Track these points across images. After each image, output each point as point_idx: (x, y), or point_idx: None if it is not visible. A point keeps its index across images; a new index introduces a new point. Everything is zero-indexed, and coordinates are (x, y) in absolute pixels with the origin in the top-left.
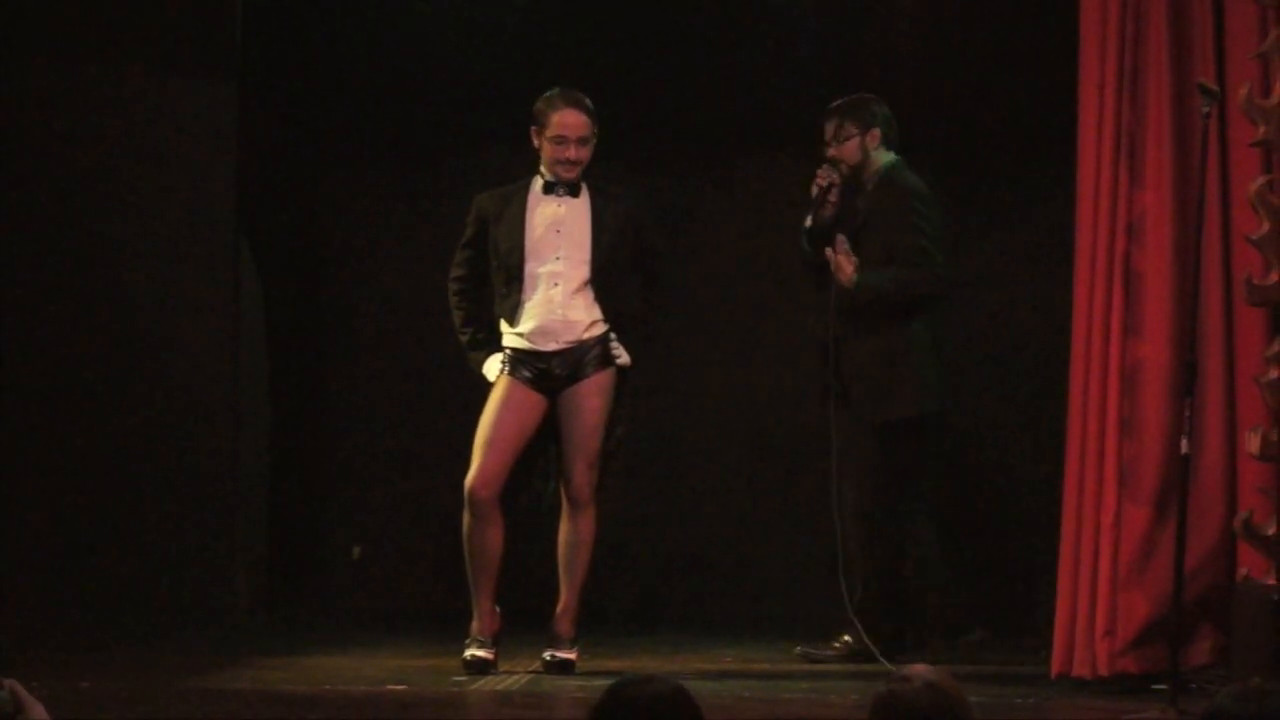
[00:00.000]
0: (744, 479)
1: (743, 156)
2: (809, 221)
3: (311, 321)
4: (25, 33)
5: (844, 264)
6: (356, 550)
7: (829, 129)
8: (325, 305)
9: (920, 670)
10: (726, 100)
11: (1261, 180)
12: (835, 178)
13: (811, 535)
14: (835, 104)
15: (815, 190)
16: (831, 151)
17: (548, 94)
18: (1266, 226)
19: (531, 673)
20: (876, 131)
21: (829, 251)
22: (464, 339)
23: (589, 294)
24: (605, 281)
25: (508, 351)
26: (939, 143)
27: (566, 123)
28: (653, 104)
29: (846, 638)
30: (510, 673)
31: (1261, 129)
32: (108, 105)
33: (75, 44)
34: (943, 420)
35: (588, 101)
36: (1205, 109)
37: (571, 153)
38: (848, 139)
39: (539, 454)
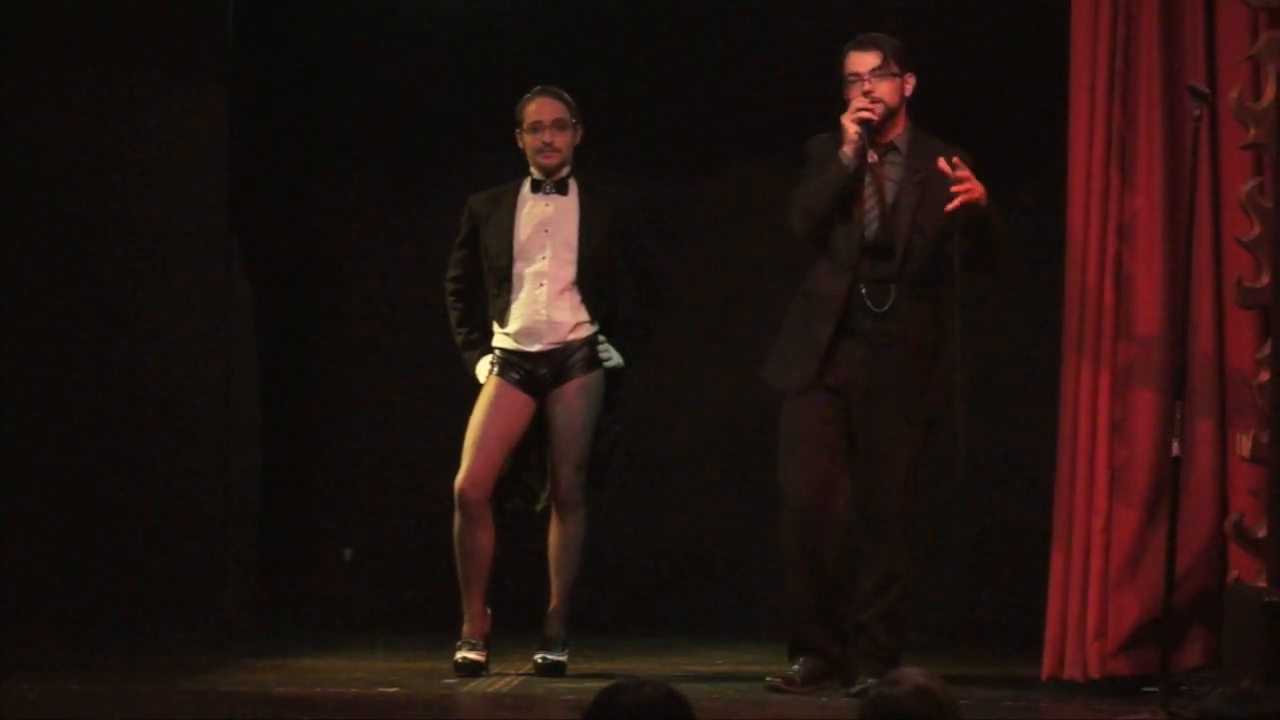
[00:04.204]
0: (736, 480)
1: (735, 158)
2: (846, 164)
3: (303, 324)
4: (15, 37)
5: (974, 181)
6: (348, 552)
7: (865, 59)
8: (316, 308)
9: (910, 673)
10: (718, 102)
11: (1252, 183)
12: (877, 116)
13: None
14: (870, 34)
15: (860, 124)
16: (868, 86)
17: (525, 95)
18: (1257, 229)
19: (523, 675)
20: (913, 78)
21: (948, 165)
22: (458, 340)
23: (575, 295)
24: (592, 282)
25: (497, 352)
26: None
27: (540, 109)
28: (644, 105)
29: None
30: (501, 675)
31: (1252, 132)
32: (99, 109)
33: (66, 48)
34: None
35: (565, 94)
36: (1196, 112)
37: (547, 136)
38: (890, 77)
39: (532, 454)
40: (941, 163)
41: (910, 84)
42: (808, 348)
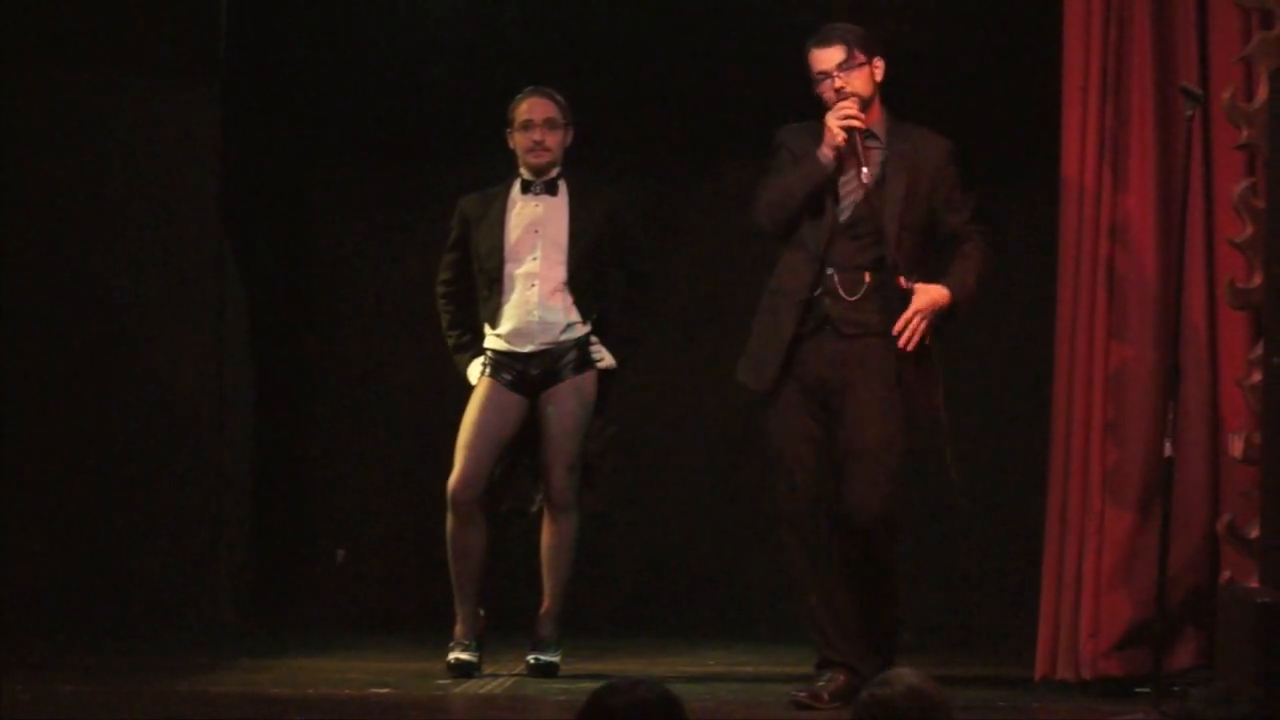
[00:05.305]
0: (728, 481)
1: (727, 159)
2: (825, 165)
3: (296, 325)
4: (7, 37)
5: (930, 292)
6: (341, 553)
7: (829, 55)
8: (309, 309)
9: (903, 674)
10: (711, 103)
11: (1245, 184)
12: (862, 122)
13: None
14: (829, 28)
15: (841, 127)
16: (839, 82)
17: (517, 94)
18: (1250, 230)
19: (515, 676)
20: (881, 62)
21: (906, 282)
22: (450, 342)
23: (567, 296)
24: (583, 282)
25: (489, 354)
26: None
27: (532, 108)
28: (638, 107)
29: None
30: (494, 675)
31: (1245, 132)
32: (91, 109)
33: (60, 48)
34: None
35: (556, 94)
36: (1188, 112)
37: (538, 135)
38: (858, 67)
39: (525, 456)
40: (902, 284)
41: (879, 69)
42: (773, 343)
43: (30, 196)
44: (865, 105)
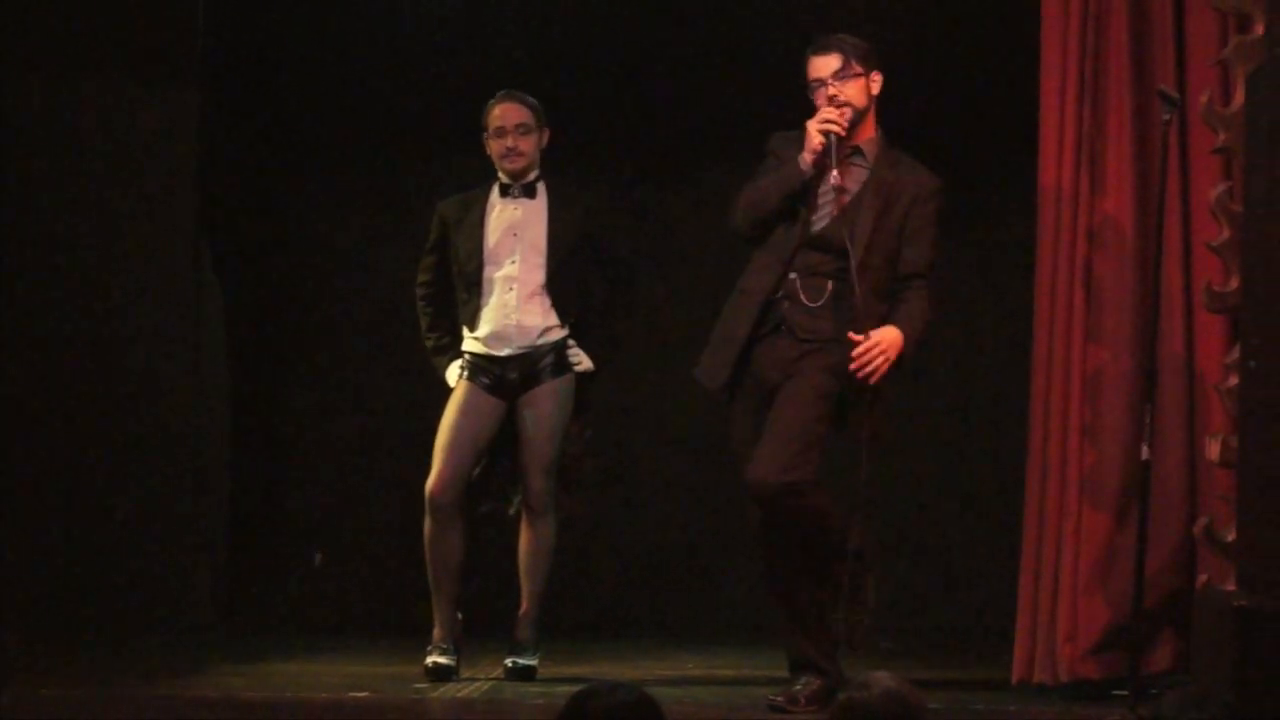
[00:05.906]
0: (706, 485)
1: (709, 162)
2: (804, 170)
3: (274, 327)
4: None
5: (890, 333)
6: (318, 556)
7: (826, 63)
8: (288, 312)
9: (880, 677)
10: (695, 106)
11: (1222, 187)
12: (844, 129)
13: None
14: (829, 37)
15: (824, 134)
16: (833, 90)
17: (490, 100)
18: (1227, 233)
19: (493, 679)
20: (879, 76)
21: (860, 339)
22: (428, 344)
23: (545, 299)
24: (562, 285)
25: (467, 356)
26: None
27: (504, 114)
28: (621, 109)
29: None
30: (472, 679)
31: (1222, 136)
32: (70, 111)
33: (37, 47)
34: None
35: (529, 98)
36: (1166, 116)
37: (510, 141)
38: (854, 78)
39: (503, 458)
40: (852, 337)
41: (877, 82)
42: (728, 344)
43: (8, 195)
44: (859, 118)
